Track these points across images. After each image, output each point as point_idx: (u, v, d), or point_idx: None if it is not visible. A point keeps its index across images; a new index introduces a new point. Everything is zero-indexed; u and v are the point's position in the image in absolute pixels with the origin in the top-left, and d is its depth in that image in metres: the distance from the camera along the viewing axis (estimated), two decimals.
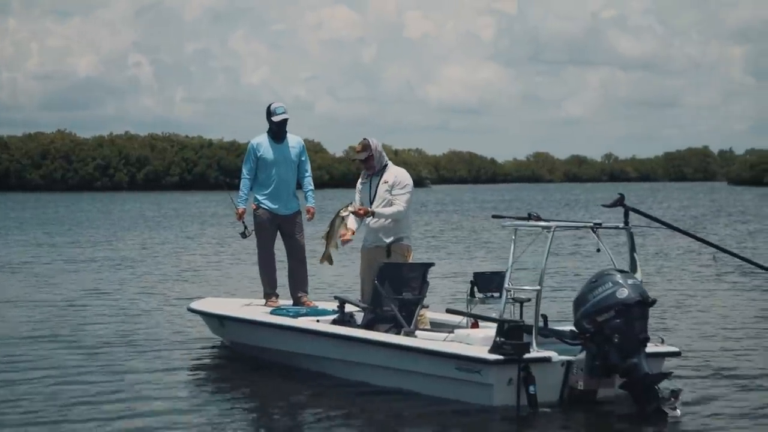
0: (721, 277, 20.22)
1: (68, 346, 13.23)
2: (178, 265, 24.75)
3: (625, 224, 10.25)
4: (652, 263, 22.54)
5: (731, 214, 50.45)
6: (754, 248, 27.62)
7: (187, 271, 23.02)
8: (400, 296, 11.32)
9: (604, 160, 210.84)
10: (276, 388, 11.02)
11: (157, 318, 15.68)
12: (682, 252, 26.39)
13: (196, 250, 29.83)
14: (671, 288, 18.39)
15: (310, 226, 13.73)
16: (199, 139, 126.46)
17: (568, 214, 51.75)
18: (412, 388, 10.29)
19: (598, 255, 11.15)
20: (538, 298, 9.85)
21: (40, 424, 9.41)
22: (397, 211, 11.60)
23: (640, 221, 11.85)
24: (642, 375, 9.43)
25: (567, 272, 20.99)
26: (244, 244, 15.14)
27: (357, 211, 11.66)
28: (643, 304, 9.51)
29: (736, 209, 56.41)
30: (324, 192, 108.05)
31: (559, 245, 10.72)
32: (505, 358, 9.52)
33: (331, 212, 12.78)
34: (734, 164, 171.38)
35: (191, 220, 48.24)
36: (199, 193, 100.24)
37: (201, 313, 13.13)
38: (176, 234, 37.53)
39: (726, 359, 12.05)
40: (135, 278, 21.58)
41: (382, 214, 11.58)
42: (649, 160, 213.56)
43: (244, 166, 13.16)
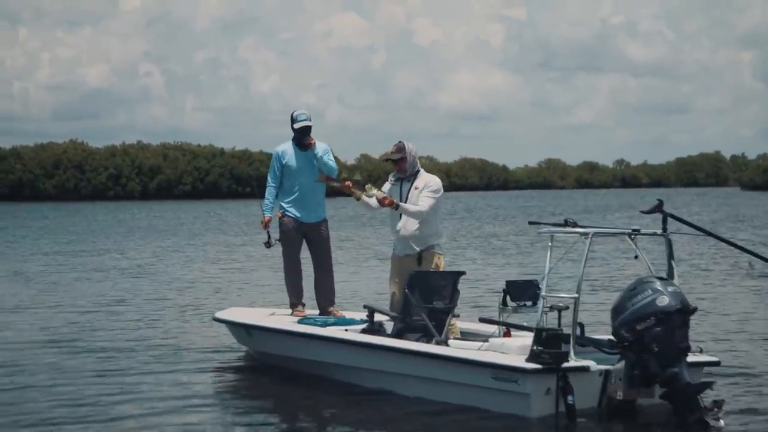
0: (759, 285, 19.99)
1: (91, 355, 13.15)
2: (200, 274, 24.58)
3: (663, 231, 10.05)
4: (685, 269, 22.28)
5: (749, 218, 50.09)
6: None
7: (209, 281, 22.81)
8: (430, 305, 11.14)
9: (616, 166, 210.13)
10: (304, 398, 10.87)
11: (181, 327, 15.57)
12: (716, 258, 26.04)
13: (216, 259, 29.63)
14: (707, 295, 18.08)
15: (335, 232, 13.52)
16: (210, 148, 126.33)
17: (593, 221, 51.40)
18: (446, 399, 10.11)
19: (632, 262, 10.97)
20: (576, 306, 9.65)
21: None
22: (420, 211, 11.39)
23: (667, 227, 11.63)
24: (683, 385, 9.21)
25: (600, 279, 20.71)
26: (266, 253, 15.00)
27: (383, 200, 11.45)
28: (683, 312, 9.30)
29: (755, 213, 56.09)
30: (335, 201, 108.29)
31: (592, 252, 10.52)
32: (543, 367, 9.34)
33: (343, 220, 12.63)
34: (746, 169, 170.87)
35: (211, 229, 48.09)
36: (213, 202, 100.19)
37: (227, 323, 12.97)
38: (196, 243, 37.41)
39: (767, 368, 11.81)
40: (157, 287, 21.45)
41: (405, 209, 11.38)
42: (661, 165, 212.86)
43: (269, 175, 12.98)
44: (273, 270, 24.61)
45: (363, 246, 33.77)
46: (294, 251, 12.87)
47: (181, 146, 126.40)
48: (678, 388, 9.22)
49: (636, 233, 9.98)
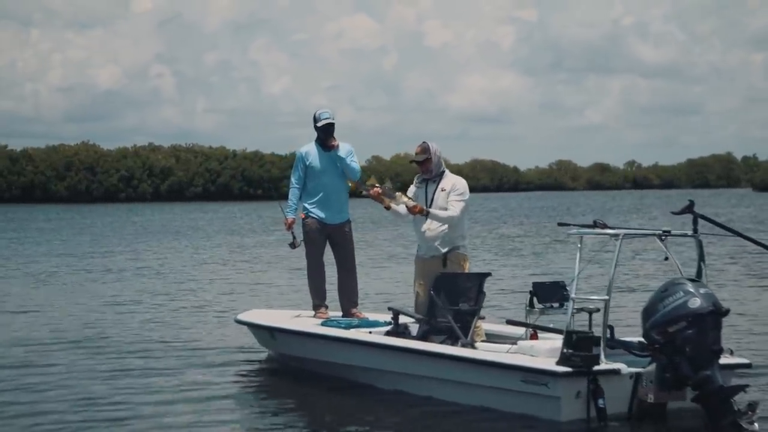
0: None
1: (108, 356, 13.16)
2: (216, 275, 24.47)
3: (694, 232, 9.94)
4: (711, 271, 21.90)
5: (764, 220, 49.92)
6: None
7: (226, 282, 22.74)
8: (456, 307, 11.04)
9: (627, 168, 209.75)
10: (329, 401, 10.80)
11: (200, 329, 15.49)
12: (744, 260, 25.82)
13: (236, 260, 29.46)
14: (735, 297, 17.88)
15: (357, 233, 13.41)
16: (222, 150, 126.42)
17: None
18: (473, 402, 10.01)
19: (660, 263, 10.87)
20: (607, 308, 9.54)
21: None
22: (451, 217, 11.31)
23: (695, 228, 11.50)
24: (716, 388, 9.10)
25: (626, 281, 20.47)
26: (286, 254, 15.00)
27: (413, 207, 11.34)
28: (716, 314, 9.18)
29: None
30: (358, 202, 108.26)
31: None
32: (573, 370, 9.23)
33: (365, 221, 12.54)
34: (758, 170, 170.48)
35: (225, 230, 48.00)
36: (225, 204, 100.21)
37: (250, 325, 12.88)
38: (214, 244, 37.35)
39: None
40: (173, 289, 21.39)
41: (436, 215, 11.29)
42: (672, 167, 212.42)
43: (292, 176, 12.89)
44: (290, 271, 24.62)
45: (384, 247, 33.65)
46: (317, 253, 12.78)
47: (192, 148, 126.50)
48: (711, 391, 9.11)
49: (667, 234, 9.87)
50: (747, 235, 10.44)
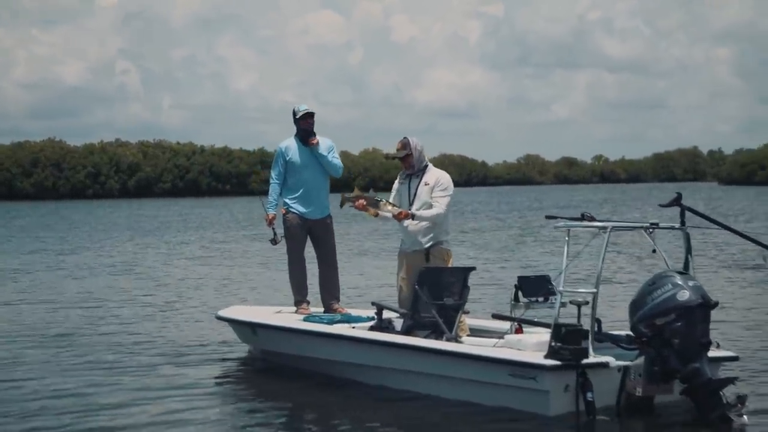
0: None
1: (87, 355, 12.95)
2: (195, 273, 24.24)
3: (681, 224, 9.91)
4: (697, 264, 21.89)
5: (735, 213, 50.15)
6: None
7: (204, 279, 22.50)
8: (440, 302, 10.97)
9: (594, 162, 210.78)
10: (313, 397, 10.67)
11: (180, 325, 15.37)
12: (728, 252, 25.77)
13: (210, 256, 29.24)
14: (721, 289, 17.86)
15: (337, 227, 13.31)
16: (190, 146, 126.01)
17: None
18: (460, 396, 9.94)
19: (641, 256, 10.84)
20: (595, 301, 9.49)
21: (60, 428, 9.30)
22: (437, 214, 11.25)
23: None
24: (705, 380, 9.07)
25: (610, 274, 20.20)
26: (260, 250, 14.89)
27: (398, 214, 11.27)
28: (705, 306, 9.15)
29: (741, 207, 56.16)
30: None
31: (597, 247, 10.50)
32: (562, 363, 9.18)
33: (346, 215, 12.46)
34: (724, 164, 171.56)
35: (197, 226, 47.81)
36: (193, 200, 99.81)
37: (231, 321, 12.76)
38: (186, 240, 37.18)
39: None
40: (154, 286, 21.17)
41: (422, 217, 11.23)
42: (639, 161, 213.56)
43: (272, 171, 12.82)
44: (265, 267, 24.53)
45: (359, 241, 33.54)
46: (299, 248, 12.70)
47: (160, 144, 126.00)
48: (700, 384, 9.08)
49: (654, 227, 9.83)
50: (734, 228, 10.41)
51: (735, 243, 26.26)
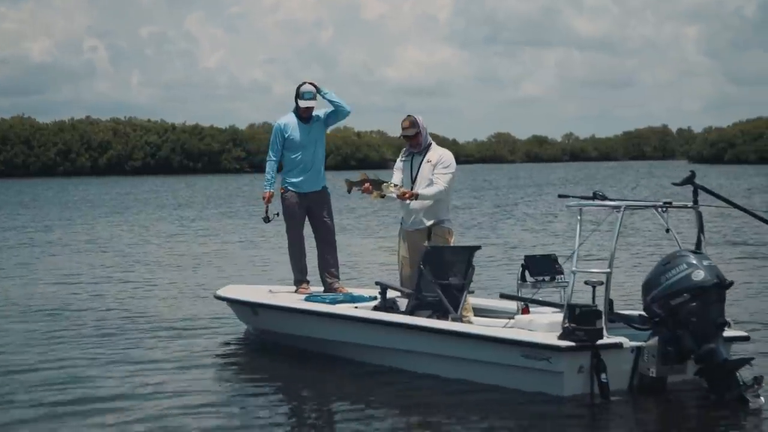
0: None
1: (84, 334, 12.78)
2: (179, 251, 23.99)
3: (694, 203, 9.81)
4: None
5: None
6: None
7: (193, 257, 22.23)
8: (446, 281, 10.87)
9: (565, 140, 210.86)
10: (316, 377, 10.57)
11: (178, 305, 15.12)
12: (737, 231, 25.55)
13: (192, 234, 28.98)
14: (730, 269, 17.53)
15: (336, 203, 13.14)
16: (161, 124, 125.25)
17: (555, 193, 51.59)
18: (470, 377, 9.83)
19: (647, 235, 10.74)
20: (608, 281, 9.39)
21: (58, 411, 9.14)
22: (439, 191, 11.14)
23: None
24: (721, 361, 9.00)
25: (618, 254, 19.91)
26: (257, 229, 14.73)
27: (402, 194, 11.15)
28: (720, 286, 9.08)
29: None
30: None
31: (593, 224, 10.47)
32: (577, 344, 9.08)
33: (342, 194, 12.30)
34: (694, 143, 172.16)
35: (175, 204, 47.50)
36: (165, 178, 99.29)
37: (231, 301, 12.60)
38: (164, 217, 36.91)
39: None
40: (148, 265, 20.92)
41: (425, 195, 11.11)
42: (609, 139, 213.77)
43: (270, 148, 12.57)
44: (253, 245, 24.33)
45: (350, 220, 33.35)
46: (298, 226, 12.55)
47: (131, 121, 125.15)
48: (716, 365, 9.01)
49: (668, 206, 9.74)
50: (745, 208, 10.33)
51: (743, 221, 26.13)
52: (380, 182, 11.28)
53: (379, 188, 11.24)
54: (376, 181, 11.30)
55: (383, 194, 11.26)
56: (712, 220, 26.61)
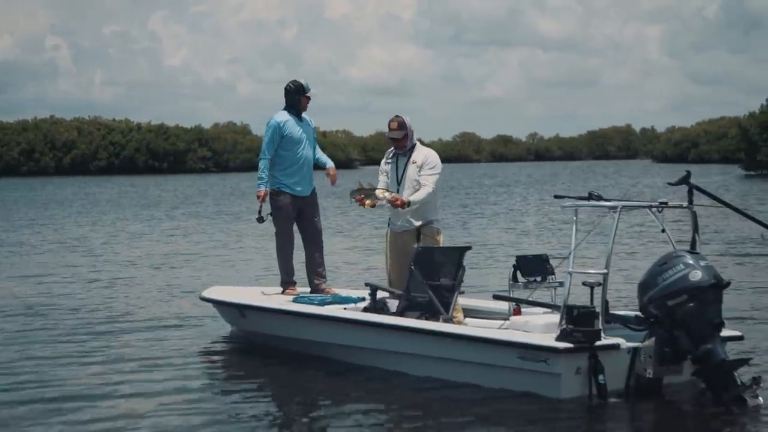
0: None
1: (64, 336, 12.61)
2: (172, 252, 23.65)
3: (689, 203, 9.80)
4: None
5: None
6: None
7: (181, 259, 21.96)
8: (437, 282, 10.80)
9: (529, 140, 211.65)
10: (311, 380, 10.40)
11: (161, 307, 14.92)
12: (728, 232, 25.46)
13: (183, 236, 28.51)
14: (723, 268, 17.07)
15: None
16: (126, 123, 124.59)
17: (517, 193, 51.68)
18: (465, 379, 9.75)
19: (637, 236, 10.71)
20: (605, 282, 9.35)
21: (42, 412, 9.03)
22: (428, 193, 11.12)
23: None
24: (719, 361, 8.97)
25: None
26: (231, 230, 14.59)
27: (393, 201, 11.07)
28: (717, 287, 9.04)
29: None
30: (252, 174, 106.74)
31: (587, 225, 10.40)
32: (575, 345, 9.03)
33: (326, 194, 12.21)
34: (658, 142, 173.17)
35: (145, 204, 47.18)
36: (130, 178, 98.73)
37: (217, 303, 12.48)
38: (134, 217, 36.60)
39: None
40: (121, 264, 20.70)
41: (416, 201, 11.06)
42: (573, 138, 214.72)
43: (266, 146, 12.35)
44: (242, 247, 24.13)
45: (341, 219, 33.11)
46: (289, 228, 12.42)
47: (95, 120, 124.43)
48: (714, 365, 8.97)
49: (663, 206, 9.71)
50: (739, 209, 10.30)
51: (734, 221, 26.16)
52: (373, 190, 11.21)
53: (371, 197, 11.16)
54: (369, 190, 11.22)
55: (375, 203, 11.20)
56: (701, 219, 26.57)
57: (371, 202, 11.20)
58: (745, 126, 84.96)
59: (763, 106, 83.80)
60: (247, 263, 20.57)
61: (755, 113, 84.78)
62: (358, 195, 11.28)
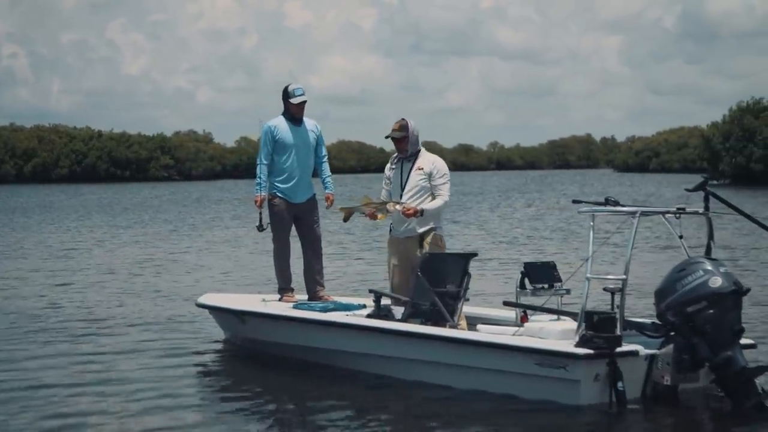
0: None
1: (60, 343, 12.43)
2: (155, 258, 23.38)
3: (705, 209, 9.74)
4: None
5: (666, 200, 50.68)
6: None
7: (171, 266, 21.66)
8: (443, 288, 10.67)
9: (490, 149, 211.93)
10: (321, 389, 10.21)
11: (154, 314, 14.67)
12: (736, 238, 25.25)
13: (173, 243, 28.09)
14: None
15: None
16: (87, 131, 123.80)
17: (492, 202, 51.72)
18: (480, 387, 9.61)
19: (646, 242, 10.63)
20: (624, 288, 9.25)
21: (30, 421, 8.87)
22: (445, 202, 11.05)
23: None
24: (739, 369, 8.88)
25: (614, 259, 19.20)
26: (220, 236, 14.38)
27: (405, 211, 10.91)
28: (737, 293, 8.96)
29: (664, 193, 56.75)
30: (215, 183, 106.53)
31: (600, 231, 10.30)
32: (596, 352, 8.92)
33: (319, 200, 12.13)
34: (619, 151, 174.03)
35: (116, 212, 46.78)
36: (93, 186, 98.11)
37: (215, 309, 12.29)
38: (143, 226, 36.13)
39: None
40: (115, 274, 20.24)
41: (430, 210, 10.93)
42: (534, 148, 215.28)
43: (261, 152, 12.22)
44: (234, 254, 23.89)
45: (336, 227, 32.73)
46: (286, 234, 12.26)
47: (56, 129, 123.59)
48: (734, 372, 8.88)
49: (681, 212, 9.64)
50: (755, 218, 10.21)
51: (744, 228, 26.09)
52: (383, 203, 11.08)
53: (382, 210, 11.03)
54: (380, 204, 11.10)
55: (386, 216, 11.09)
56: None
57: (383, 216, 11.08)
58: (708, 136, 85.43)
59: (726, 117, 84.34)
60: (234, 270, 20.37)
61: (718, 123, 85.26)
62: (368, 210, 11.14)
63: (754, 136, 78.57)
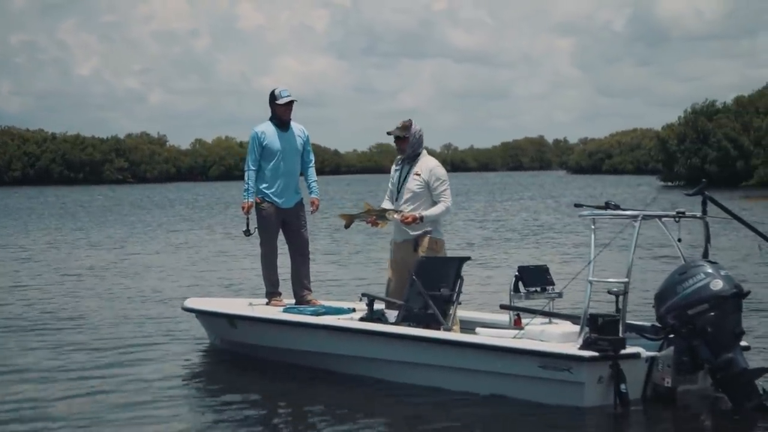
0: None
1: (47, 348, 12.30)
2: (141, 263, 23.07)
3: (703, 213, 9.80)
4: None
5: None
6: None
7: (153, 270, 21.37)
8: (437, 292, 10.66)
9: (444, 150, 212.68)
10: (318, 393, 10.14)
11: (137, 318, 14.52)
12: (728, 242, 25.08)
13: (150, 246, 27.83)
14: None
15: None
16: (40, 133, 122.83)
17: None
18: (482, 390, 9.61)
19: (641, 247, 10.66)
20: (626, 291, 9.28)
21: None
22: (446, 208, 11.06)
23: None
24: (740, 370, 8.94)
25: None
26: (202, 239, 14.28)
27: (404, 219, 10.91)
28: (738, 296, 9.03)
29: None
30: (170, 185, 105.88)
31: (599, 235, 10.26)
32: (600, 354, 8.94)
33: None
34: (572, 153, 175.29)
35: (76, 215, 46.42)
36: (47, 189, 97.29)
37: (203, 313, 12.20)
38: (123, 230, 35.75)
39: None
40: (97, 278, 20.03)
41: (431, 216, 10.94)
42: (487, 150, 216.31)
43: (248, 157, 12.18)
44: (215, 258, 23.75)
45: (331, 232, 32.64)
46: (273, 239, 12.20)
47: (8, 131, 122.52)
48: (735, 374, 8.94)
49: (681, 216, 9.69)
50: (750, 224, 10.27)
51: (739, 234, 26.13)
52: (384, 211, 11.07)
53: (383, 218, 11.02)
54: (380, 211, 11.09)
55: (386, 224, 11.12)
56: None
57: (383, 223, 11.09)
58: (663, 137, 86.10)
59: (680, 119, 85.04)
60: (214, 274, 20.28)
61: (673, 125, 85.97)
62: (369, 217, 11.16)
63: (708, 138, 79.29)
